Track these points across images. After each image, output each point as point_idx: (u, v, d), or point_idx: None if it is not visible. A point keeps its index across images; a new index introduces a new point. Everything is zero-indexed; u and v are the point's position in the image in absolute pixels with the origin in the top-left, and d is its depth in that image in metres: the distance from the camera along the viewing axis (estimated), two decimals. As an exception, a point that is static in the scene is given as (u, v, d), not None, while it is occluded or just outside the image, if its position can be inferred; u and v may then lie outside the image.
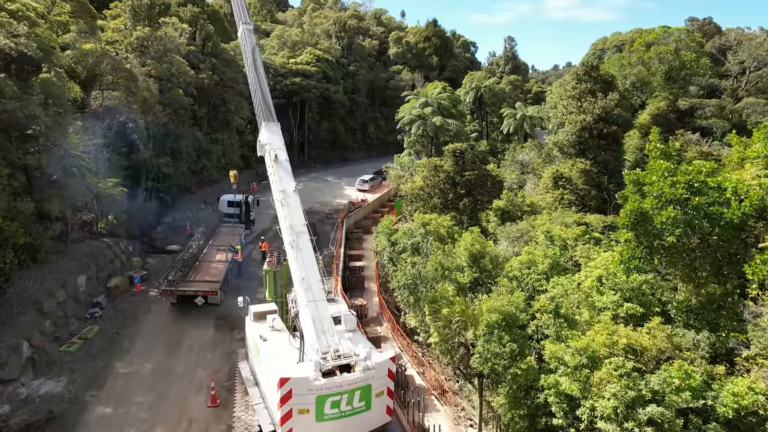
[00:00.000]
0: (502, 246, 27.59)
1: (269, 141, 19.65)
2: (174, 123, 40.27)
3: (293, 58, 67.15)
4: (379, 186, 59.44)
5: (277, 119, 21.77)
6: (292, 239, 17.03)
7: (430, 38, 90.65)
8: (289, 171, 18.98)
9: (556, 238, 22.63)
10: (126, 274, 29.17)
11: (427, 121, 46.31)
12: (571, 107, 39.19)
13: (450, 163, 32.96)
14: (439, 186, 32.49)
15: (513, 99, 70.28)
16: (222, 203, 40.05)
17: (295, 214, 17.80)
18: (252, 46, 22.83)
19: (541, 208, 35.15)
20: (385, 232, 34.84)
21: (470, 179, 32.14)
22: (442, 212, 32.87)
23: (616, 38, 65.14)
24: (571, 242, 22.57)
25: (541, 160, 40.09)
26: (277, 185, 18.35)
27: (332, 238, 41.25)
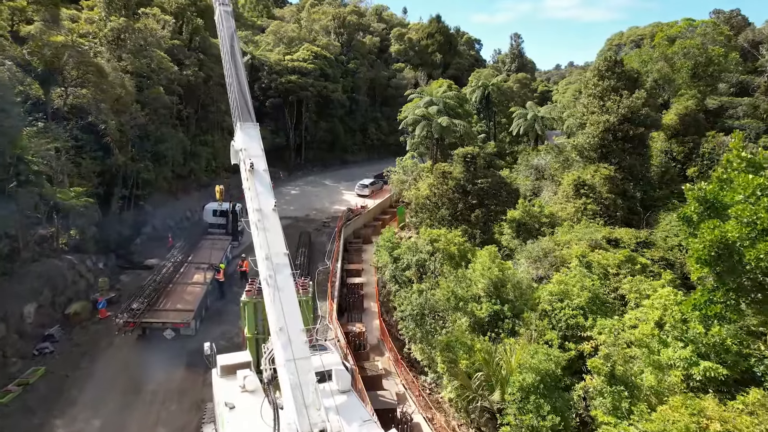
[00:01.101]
0: (521, 267, 23.86)
1: (245, 146, 15.95)
2: (155, 124, 36.59)
3: (289, 54, 63.46)
4: (380, 191, 55.73)
5: (256, 119, 18.03)
6: (269, 274, 13.32)
7: (434, 35, 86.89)
8: (268, 184, 15.30)
9: (595, 265, 18.87)
10: (91, 297, 25.49)
11: (432, 122, 42.58)
12: (593, 106, 35.43)
13: (460, 169, 29.26)
14: (448, 195, 28.80)
15: (521, 98, 66.57)
16: (207, 212, 36.36)
17: (274, 240, 14.16)
18: (230, 32, 19.11)
19: (562, 220, 31.45)
20: (387, 246, 31.18)
21: (483, 188, 28.44)
22: (451, 225, 29.17)
23: (633, 33, 61.31)
24: (612, 269, 18.82)
25: (558, 165, 36.34)
26: (252, 202, 14.67)
27: (329, 250, 37.54)
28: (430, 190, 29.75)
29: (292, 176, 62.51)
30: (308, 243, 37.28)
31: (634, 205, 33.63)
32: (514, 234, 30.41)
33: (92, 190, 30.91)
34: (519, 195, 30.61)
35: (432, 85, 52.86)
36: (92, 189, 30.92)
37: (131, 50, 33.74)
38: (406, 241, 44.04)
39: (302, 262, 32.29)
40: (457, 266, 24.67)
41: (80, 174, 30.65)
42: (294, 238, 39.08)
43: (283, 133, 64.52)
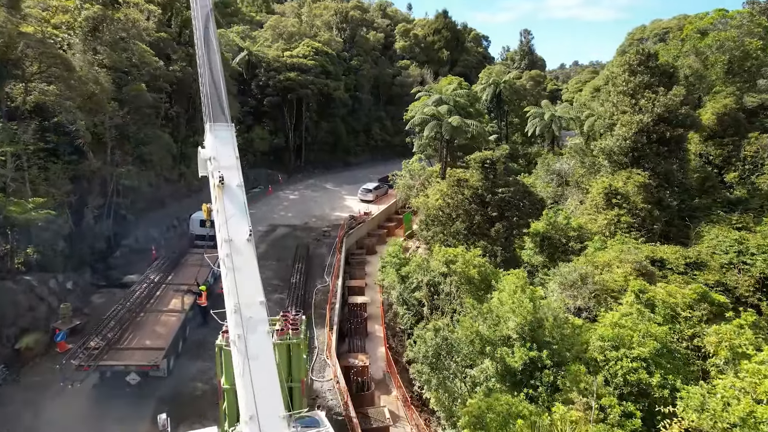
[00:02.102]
0: (554, 295, 20.19)
1: (215, 153, 12.44)
2: (137, 124, 33.09)
3: (289, 50, 59.88)
4: (384, 195, 52.12)
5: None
6: (238, 334, 9.74)
7: (440, 31, 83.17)
8: (242, 205, 11.79)
9: (658, 304, 15.15)
10: (52, 326, 21.98)
11: (443, 122, 38.94)
12: (624, 105, 31.69)
13: (477, 176, 25.63)
14: (464, 206, 25.18)
15: (534, 97, 62.86)
16: (193, 222, 32.81)
17: (247, 285, 10.63)
18: (205, 11, 15.75)
19: (592, 233, 27.78)
20: (394, 263, 27.58)
21: (504, 198, 24.80)
22: (466, 240, 25.53)
23: (657, 26, 57.41)
24: (683, 310, 15.12)
25: (584, 171, 32.62)
26: (220, 230, 11.10)
27: (328, 264, 34.01)
28: (443, 200, 26.13)
29: (291, 179, 58.95)
30: (306, 256, 33.72)
31: (671, 216, 29.91)
32: (537, 249, 26.80)
33: (63, 198, 27.45)
34: (544, 205, 26.94)
35: (441, 83, 49.22)
36: (63, 197, 27.45)
37: (109, 42, 30.22)
38: (414, 252, 40.45)
39: (298, 280, 28.74)
40: (477, 291, 21.03)
41: (49, 181, 27.14)
42: (290, 250, 35.54)
43: (282, 133, 60.98)
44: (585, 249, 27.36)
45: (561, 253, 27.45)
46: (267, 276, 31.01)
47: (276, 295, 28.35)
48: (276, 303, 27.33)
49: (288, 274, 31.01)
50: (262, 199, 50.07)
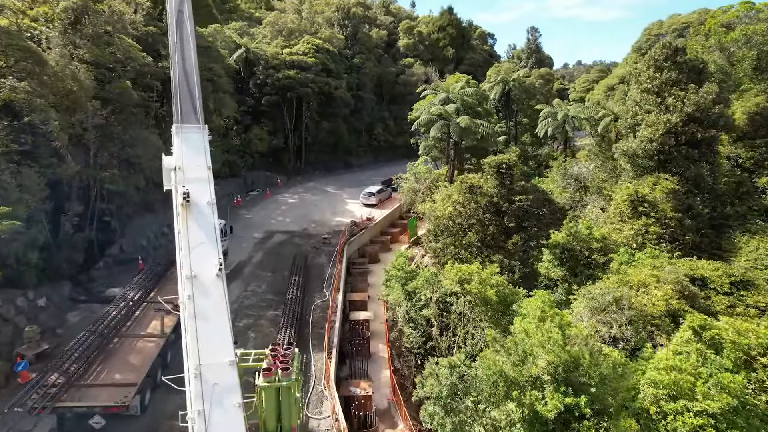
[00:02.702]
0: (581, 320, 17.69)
1: (182, 162, 10.01)
2: (122, 124, 30.69)
3: (288, 48, 57.49)
4: (388, 199, 49.66)
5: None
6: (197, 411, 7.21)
7: (445, 28, 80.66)
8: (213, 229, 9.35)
9: (727, 345, 12.61)
10: (15, 351, 19.59)
11: (450, 122, 36.45)
12: (648, 104, 29.15)
13: (492, 183, 23.14)
14: (478, 216, 22.71)
15: (544, 96, 60.27)
16: (182, 231, 30.38)
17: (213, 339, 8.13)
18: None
19: (617, 245, 25.28)
20: (399, 276, 25.13)
21: (522, 206, 22.33)
22: (480, 253, 23.06)
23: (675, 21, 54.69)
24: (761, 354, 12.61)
25: (605, 175, 30.10)
26: (182, 263, 8.65)
27: (328, 275, 31.57)
28: (454, 209, 23.64)
29: (290, 182, 56.57)
30: (304, 266, 31.30)
31: (701, 225, 27.37)
32: (557, 261, 24.31)
33: (39, 205, 25.08)
34: (565, 215, 24.44)
35: (448, 81, 46.72)
36: (39, 204, 25.08)
37: (90, 36, 27.85)
38: (420, 262, 38.00)
39: (295, 295, 26.30)
40: (494, 313, 18.57)
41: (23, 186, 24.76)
42: (288, 260, 33.16)
43: (281, 134, 58.62)
44: (610, 262, 24.88)
45: (583, 267, 24.98)
46: (262, 290, 28.65)
47: (270, 311, 25.96)
48: (270, 321, 24.95)
49: (284, 287, 28.63)
50: (259, 203, 47.73)
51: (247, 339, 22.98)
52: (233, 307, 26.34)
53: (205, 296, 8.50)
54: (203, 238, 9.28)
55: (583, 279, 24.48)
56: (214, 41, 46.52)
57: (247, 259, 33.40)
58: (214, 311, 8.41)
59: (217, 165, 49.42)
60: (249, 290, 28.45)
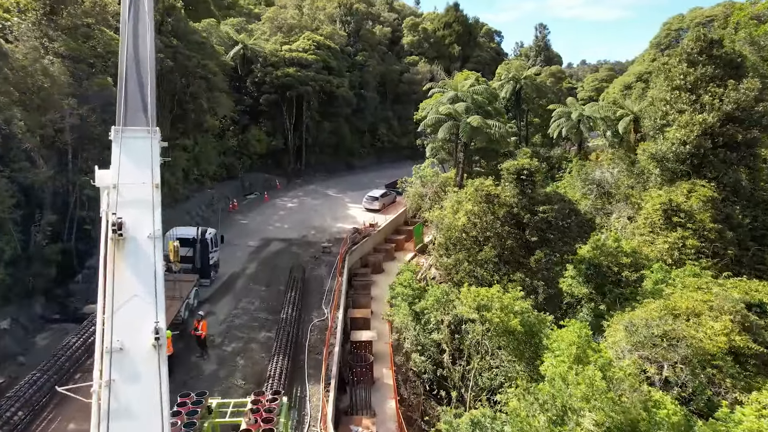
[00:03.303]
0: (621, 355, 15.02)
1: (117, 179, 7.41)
2: (102, 125, 28.17)
3: (288, 44, 54.94)
4: (392, 204, 47.06)
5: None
6: None
7: (451, 24, 78.00)
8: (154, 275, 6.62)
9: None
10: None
11: (460, 122, 33.80)
12: (681, 102, 26.42)
13: (512, 191, 20.50)
14: (495, 228, 20.08)
15: (555, 94, 57.58)
16: (167, 241, 27.80)
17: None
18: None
19: (649, 260, 22.59)
20: (406, 295, 22.53)
21: (546, 219, 19.70)
22: (498, 270, 20.42)
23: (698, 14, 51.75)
24: None
25: (632, 180, 27.41)
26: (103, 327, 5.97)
27: (327, 289, 28.96)
28: (468, 220, 21.01)
29: (290, 185, 54.03)
30: (301, 279, 28.70)
31: (741, 237, 24.64)
32: (581, 279, 21.65)
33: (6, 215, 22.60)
34: (593, 227, 21.78)
35: (456, 78, 44.09)
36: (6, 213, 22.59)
37: (67, 28, 25.35)
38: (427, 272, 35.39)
39: (290, 314, 23.71)
40: (518, 345, 15.92)
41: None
42: (284, 271, 30.60)
43: (280, 134, 56.07)
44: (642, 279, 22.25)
45: (612, 285, 22.35)
46: (254, 307, 26.08)
47: (262, 333, 23.38)
48: (262, 345, 22.37)
49: (279, 303, 26.07)
50: (256, 208, 45.20)
51: (234, 367, 20.41)
52: (222, 327, 23.81)
53: (132, 381, 5.84)
54: (139, 288, 6.66)
55: (613, 299, 21.87)
56: (209, 37, 43.98)
57: (240, 271, 30.85)
58: (144, 406, 5.74)
59: (212, 167, 47.21)
60: (240, 307, 25.88)
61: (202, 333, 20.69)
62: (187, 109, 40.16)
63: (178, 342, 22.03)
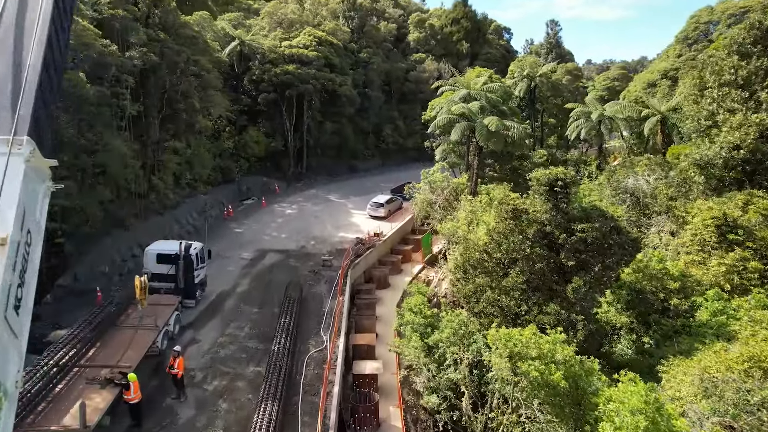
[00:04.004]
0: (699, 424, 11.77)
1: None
2: (76, 126, 25.21)
3: (287, 40, 51.88)
4: (398, 210, 43.92)
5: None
6: None
7: (459, 21, 74.77)
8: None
9: None
10: None
11: (476, 124, 30.57)
12: (731, 101, 23.11)
13: (544, 205, 17.29)
14: (524, 250, 16.89)
15: (572, 93, 54.27)
16: (149, 258, 24.79)
17: None
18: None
19: (704, 285, 19.33)
20: (417, 324, 19.39)
21: (585, 239, 16.50)
22: (527, 299, 17.21)
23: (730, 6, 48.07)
24: None
25: (672, 190, 24.13)
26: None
27: (327, 311, 25.80)
28: (490, 239, 17.83)
29: (289, 189, 50.97)
30: (298, 300, 25.55)
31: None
32: (622, 306, 18.44)
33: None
34: (638, 247, 18.54)
35: (468, 75, 40.88)
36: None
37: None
38: (438, 287, 32.22)
39: (283, 344, 20.55)
40: (562, 404, 12.74)
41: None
42: (279, 289, 27.48)
43: (280, 135, 53.03)
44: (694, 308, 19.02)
45: (657, 314, 19.11)
46: (244, 333, 22.96)
47: (251, 367, 20.25)
48: (249, 383, 19.24)
49: (272, 328, 22.96)
50: (253, 215, 42.13)
51: (215, 413, 17.30)
52: (205, 359, 20.70)
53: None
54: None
55: (658, 332, 18.64)
56: (202, 31, 40.94)
57: (230, 289, 27.76)
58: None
59: (205, 171, 44.24)
60: (228, 333, 22.76)
61: (179, 372, 17.59)
62: (177, 109, 37.10)
63: (152, 379, 18.99)
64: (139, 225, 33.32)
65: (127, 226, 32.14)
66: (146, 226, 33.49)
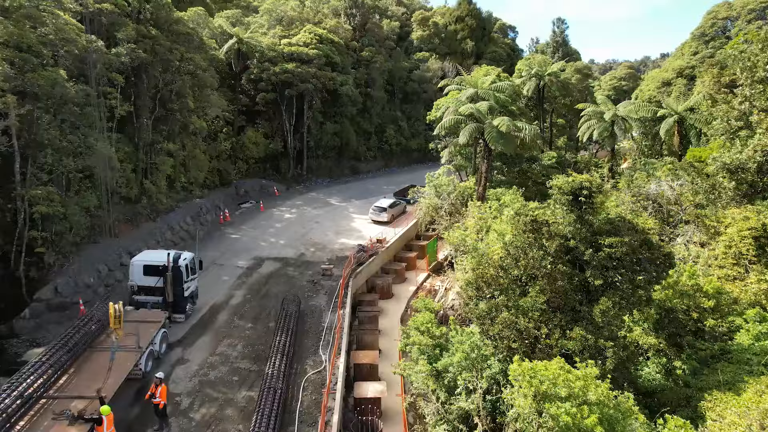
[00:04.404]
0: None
1: None
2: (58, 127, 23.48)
3: (287, 38, 50.14)
4: (402, 214, 42.15)
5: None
6: None
7: (464, 18, 72.93)
8: None
9: None
10: None
11: (485, 125, 28.75)
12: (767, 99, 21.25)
13: (567, 217, 15.47)
14: (545, 267, 15.08)
15: (581, 93, 52.41)
16: (135, 269, 23.02)
17: None
18: None
19: (742, 304, 17.52)
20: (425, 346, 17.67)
21: (614, 255, 14.68)
22: (548, 320, 15.41)
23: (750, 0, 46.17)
24: None
25: (700, 196, 22.28)
26: None
27: (326, 326, 24.04)
28: (506, 253, 16.02)
29: (289, 192, 49.25)
30: (296, 314, 23.76)
31: None
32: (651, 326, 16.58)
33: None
34: (672, 263, 16.69)
35: (475, 74, 39.08)
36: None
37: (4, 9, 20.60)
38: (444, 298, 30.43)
39: (278, 367, 18.76)
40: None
41: None
42: (276, 301, 25.75)
43: (279, 137, 51.35)
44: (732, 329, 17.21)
45: (691, 335, 17.28)
46: (236, 352, 21.21)
47: (242, 392, 18.48)
48: (240, 411, 17.47)
49: (267, 346, 21.22)
50: (251, 219, 40.39)
51: (201, 449, 15.52)
52: (193, 382, 18.93)
53: None
54: None
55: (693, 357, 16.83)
56: (198, 28, 39.23)
57: (223, 301, 26.01)
58: None
59: (201, 174, 42.49)
60: (219, 353, 21.00)
61: (161, 401, 15.82)
62: (171, 110, 35.39)
63: (134, 406, 17.25)
64: (129, 232, 31.62)
65: (117, 233, 30.43)
66: (137, 233, 31.80)
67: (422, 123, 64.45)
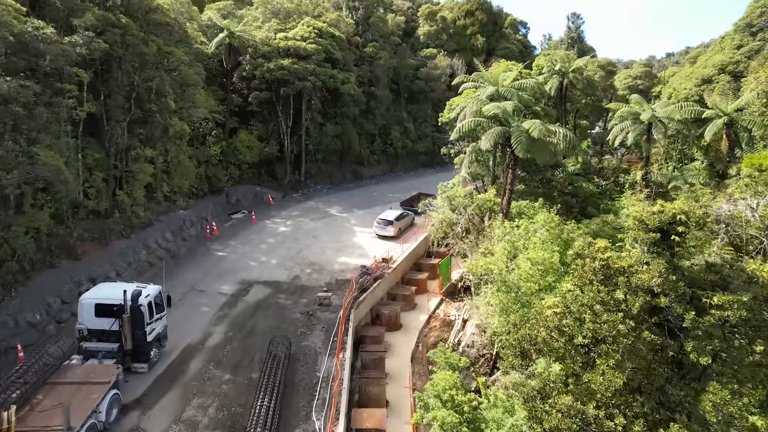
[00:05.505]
0: None
1: None
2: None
3: (283, 32, 45.72)
4: (410, 227, 37.70)
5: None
6: None
7: (474, 13, 68.40)
8: None
9: None
10: None
11: (512, 128, 24.19)
12: None
13: (654, 264, 10.97)
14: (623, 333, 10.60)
15: (605, 92, 47.84)
16: (84, 309, 18.59)
17: None
18: None
19: None
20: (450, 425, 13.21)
21: (727, 319, 10.20)
22: (628, 405, 10.87)
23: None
24: None
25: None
26: None
27: (322, 376, 19.57)
28: (566, 309, 11.57)
29: (285, 200, 44.85)
30: (284, 361, 19.30)
31: None
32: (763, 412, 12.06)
33: None
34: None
35: (494, 69, 34.53)
36: None
37: None
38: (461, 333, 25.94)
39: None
40: None
41: None
42: (262, 341, 21.31)
43: (275, 139, 46.91)
44: None
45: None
46: (206, 418, 16.74)
47: (208, 485, 14.05)
48: None
49: (246, 408, 16.80)
50: (241, 233, 35.95)
51: None
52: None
53: None
54: None
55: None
56: (180, 18, 34.84)
57: (199, 341, 21.59)
58: None
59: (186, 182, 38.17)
60: (185, 419, 16.58)
61: None
62: (149, 110, 31.01)
63: None
64: (96, 252, 27.22)
65: (79, 255, 26.05)
66: (105, 253, 27.38)
67: (429, 124, 60.07)
